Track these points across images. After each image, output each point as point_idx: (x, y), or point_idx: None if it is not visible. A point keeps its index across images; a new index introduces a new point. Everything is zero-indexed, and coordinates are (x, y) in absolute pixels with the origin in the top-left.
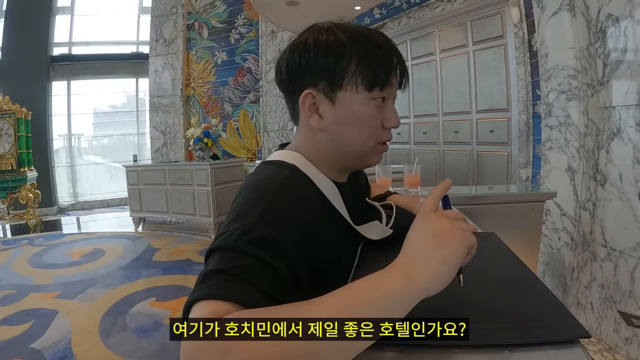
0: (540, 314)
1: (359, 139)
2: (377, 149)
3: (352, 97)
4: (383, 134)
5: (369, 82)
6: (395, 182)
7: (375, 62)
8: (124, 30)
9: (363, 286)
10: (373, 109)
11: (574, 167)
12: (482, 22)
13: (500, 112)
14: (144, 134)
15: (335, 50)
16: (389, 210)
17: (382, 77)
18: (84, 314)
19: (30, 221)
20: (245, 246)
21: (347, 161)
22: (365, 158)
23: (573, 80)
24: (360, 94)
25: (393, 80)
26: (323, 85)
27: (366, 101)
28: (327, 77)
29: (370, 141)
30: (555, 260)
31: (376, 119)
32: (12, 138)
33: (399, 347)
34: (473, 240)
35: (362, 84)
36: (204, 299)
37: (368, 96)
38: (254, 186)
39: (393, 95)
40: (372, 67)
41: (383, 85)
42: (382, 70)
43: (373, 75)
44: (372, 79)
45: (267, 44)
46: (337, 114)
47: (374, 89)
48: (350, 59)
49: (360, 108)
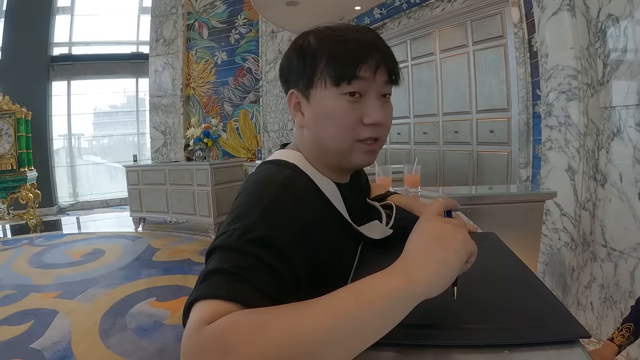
0: (540, 314)
1: (334, 136)
2: (360, 148)
3: (322, 94)
4: (362, 130)
5: (335, 77)
6: (395, 182)
7: (339, 56)
8: (124, 30)
9: (363, 286)
10: (344, 104)
11: (574, 167)
12: (482, 22)
13: (500, 112)
14: (144, 134)
15: (305, 53)
16: (389, 210)
17: (348, 71)
18: (84, 314)
19: (30, 221)
20: (245, 246)
21: (333, 160)
22: (348, 157)
23: (573, 80)
24: (329, 90)
25: (364, 73)
26: (300, 85)
27: (336, 97)
28: (302, 77)
29: (347, 139)
30: (555, 260)
31: (350, 115)
32: (12, 138)
33: (399, 347)
34: (474, 247)
35: (329, 80)
36: (204, 299)
37: (337, 92)
38: (254, 186)
39: (376, 90)
40: (337, 62)
41: (350, 79)
42: (347, 64)
43: (338, 70)
44: (337, 73)
45: (267, 44)
46: (313, 112)
47: (341, 84)
48: (319, 58)
49: (330, 104)
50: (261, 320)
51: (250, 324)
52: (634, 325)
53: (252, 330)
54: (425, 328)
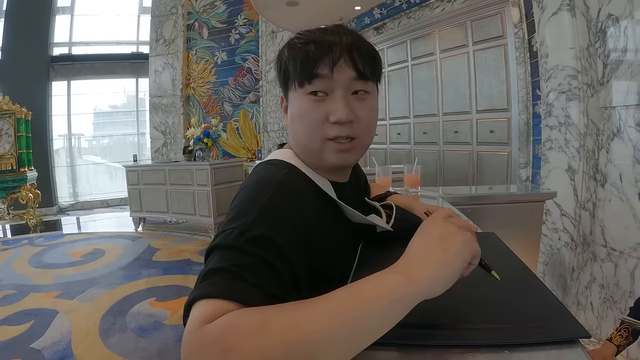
0: (540, 314)
1: (305, 135)
2: (329, 146)
3: (294, 95)
4: (328, 129)
5: (298, 78)
6: (395, 182)
7: (300, 58)
8: (124, 30)
9: (363, 285)
10: (308, 103)
11: (574, 167)
12: (482, 22)
13: (500, 112)
14: (144, 134)
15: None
16: (388, 210)
17: (306, 70)
18: (84, 314)
19: (30, 221)
20: (245, 245)
21: (313, 159)
22: (321, 156)
23: (573, 80)
24: (298, 91)
25: (321, 71)
26: (282, 89)
27: (302, 97)
28: (281, 82)
29: (315, 137)
30: (555, 260)
31: (315, 113)
32: (12, 138)
33: (399, 347)
34: (477, 249)
35: (295, 81)
36: (204, 298)
37: (302, 92)
38: (253, 185)
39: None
40: (298, 64)
41: (310, 78)
42: (305, 64)
43: (299, 71)
44: (299, 74)
45: (267, 44)
46: (290, 113)
47: (304, 84)
48: (288, 62)
49: (298, 104)
50: (261, 319)
51: (250, 324)
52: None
53: (251, 329)
54: (425, 328)
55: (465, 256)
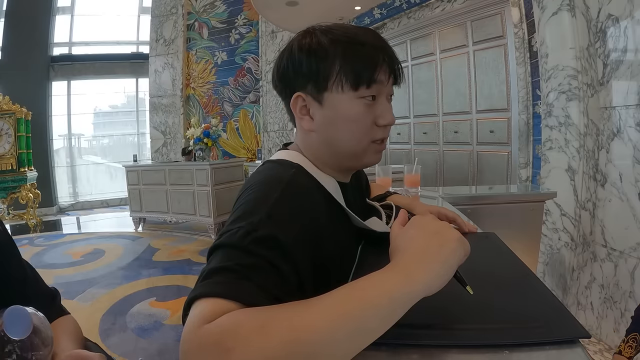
0: (540, 314)
1: (351, 139)
2: (373, 148)
3: (338, 97)
4: (377, 132)
5: (353, 81)
6: (395, 182)
7: (358, 60)
8: (124, 30)
9: (363, 285)
10: (362, 107)
11: (574, 167)
12: (482, 22)
13: (500, 112)
14: (144, 134)
15: (317, 53)
16: (388, 210)
17: (367, 74)
18: (84, 314)
19: (30, 221)
20: (250, 245)
21: (344, 161)
22: (362, 158)
23: (573, 81)
24: (347, 94)
25: (380, 76)
26: (310, 88)
27: (353, 100)
28: (313, 79)
29: (364, 140)
30: (555, 260)
31: (367, 117)
32: (12, 138)
33: (399, 346)
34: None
35: (347, 83)
36: (205, 297)
37: (355, 95)
38: (259, 185)
39: (386, 92)
40: (355, 66)
41: (369, 83)
42: (366, 68)
43: (357, 73)
44: (356, 77)
45: (267, 44)
46: (325, 115)
47: (360, 88)
48: (333, 59)
49: (348, 107)
50: (261, 319)
51: (250, 324)
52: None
53: (251, 330)
54: (425, 328)
55: (460, 252)
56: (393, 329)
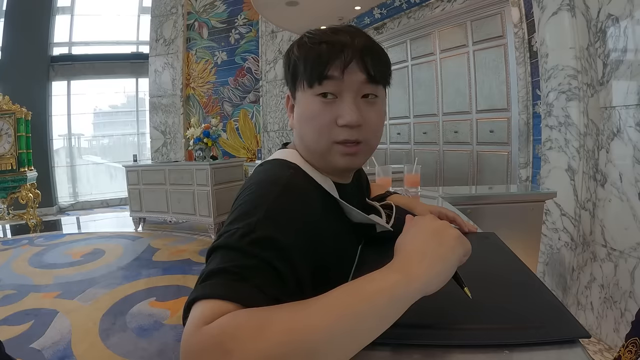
0: (540, 314)
1: (312, 137)
2: (337, 150)
3: (302, 95)
4: (338, 132)
5: (307, 78)
6: (395, 182)
7: (310, 58)
8: (124, 30)
9: (363, 283)
10: (318, 105)
11: (574, 167)
12: (482, 22)
13: (500, 112)
14: (144, 134)
15: (289, 58)
16: (388, 210)
17: (317, 71)
18: (84, 314)
19: (30, 221)
20: (248, 246)
21: (319, 160)
22: (327, 158)
23: (573, 80)
24: (306, 92)
25: (332, 72)
26: (290, 88)
27: (310, 98)
28: (290, 80)
29: (323, 140)
30: (555, 260)
31: (324, 115)
32: (12, 138)
33: (398, 346)
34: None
35: (304, 81)
36: (204, 298)
37: (311, 93)
38: (257, 185)
39: (350, 89)
40: (307, 64)
41: (320, 80)
42: (315, 65)
43: (309, 71)
44: (308, 75)
45: (267, 44)
46: (297, 113)
47: (313, 85)
48: (297, 61)
49: (306, 105)
50: (260, 320)
51: (250, 324)
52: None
53: (251, 330)
54: (425, 327)
55: (459, 251)
56: (393, 328)
